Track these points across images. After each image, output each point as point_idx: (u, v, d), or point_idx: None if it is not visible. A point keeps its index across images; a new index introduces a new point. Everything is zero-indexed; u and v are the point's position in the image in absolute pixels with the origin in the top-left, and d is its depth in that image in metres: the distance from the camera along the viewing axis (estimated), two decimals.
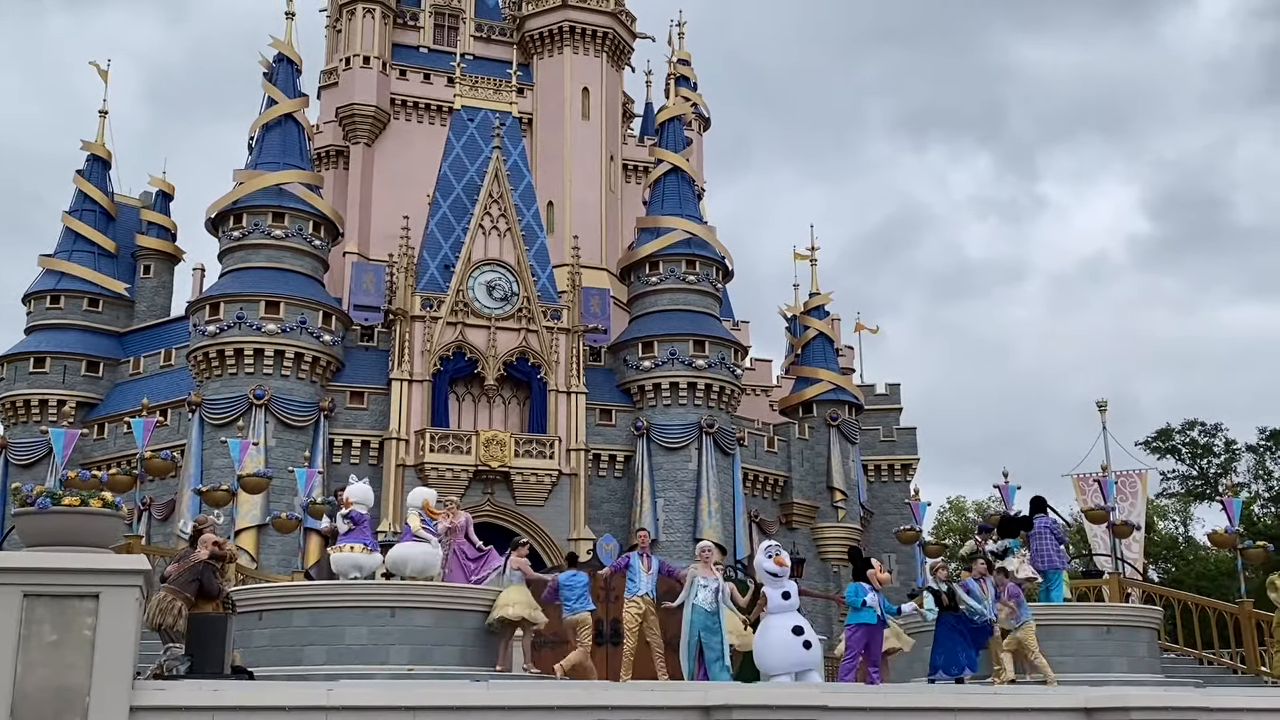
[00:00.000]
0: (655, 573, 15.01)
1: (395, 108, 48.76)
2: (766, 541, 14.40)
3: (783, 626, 13.07)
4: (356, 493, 16.47)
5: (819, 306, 48.10)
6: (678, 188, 43.94)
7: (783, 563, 13.39)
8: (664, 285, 42.22)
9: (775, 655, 12.97)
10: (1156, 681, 17.18)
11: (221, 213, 38.73)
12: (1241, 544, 23.77)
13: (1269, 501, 54.07)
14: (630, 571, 14.95)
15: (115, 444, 38.88)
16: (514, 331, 39.28)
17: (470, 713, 9.68)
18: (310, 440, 36.43)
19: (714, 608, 13.96)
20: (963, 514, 66.34)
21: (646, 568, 14.94)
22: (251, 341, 36.62)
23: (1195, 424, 55.28)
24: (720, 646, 13.81)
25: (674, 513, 39.14)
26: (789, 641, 12.99)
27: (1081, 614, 18.13)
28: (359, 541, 16.01)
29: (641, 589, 14.83)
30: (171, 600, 11.02)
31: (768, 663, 13.02)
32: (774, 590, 13.32)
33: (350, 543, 15.98)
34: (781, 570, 13.37)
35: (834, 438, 45.02)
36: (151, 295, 44.67)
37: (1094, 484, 28.15)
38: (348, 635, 15.01)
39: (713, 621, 13.91)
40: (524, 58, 50.18)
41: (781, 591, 13.32)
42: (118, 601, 8.60)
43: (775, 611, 13.20)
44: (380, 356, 39.55)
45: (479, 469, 37.36)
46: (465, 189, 41.23)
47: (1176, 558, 55.71)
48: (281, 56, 40.82)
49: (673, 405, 40.39)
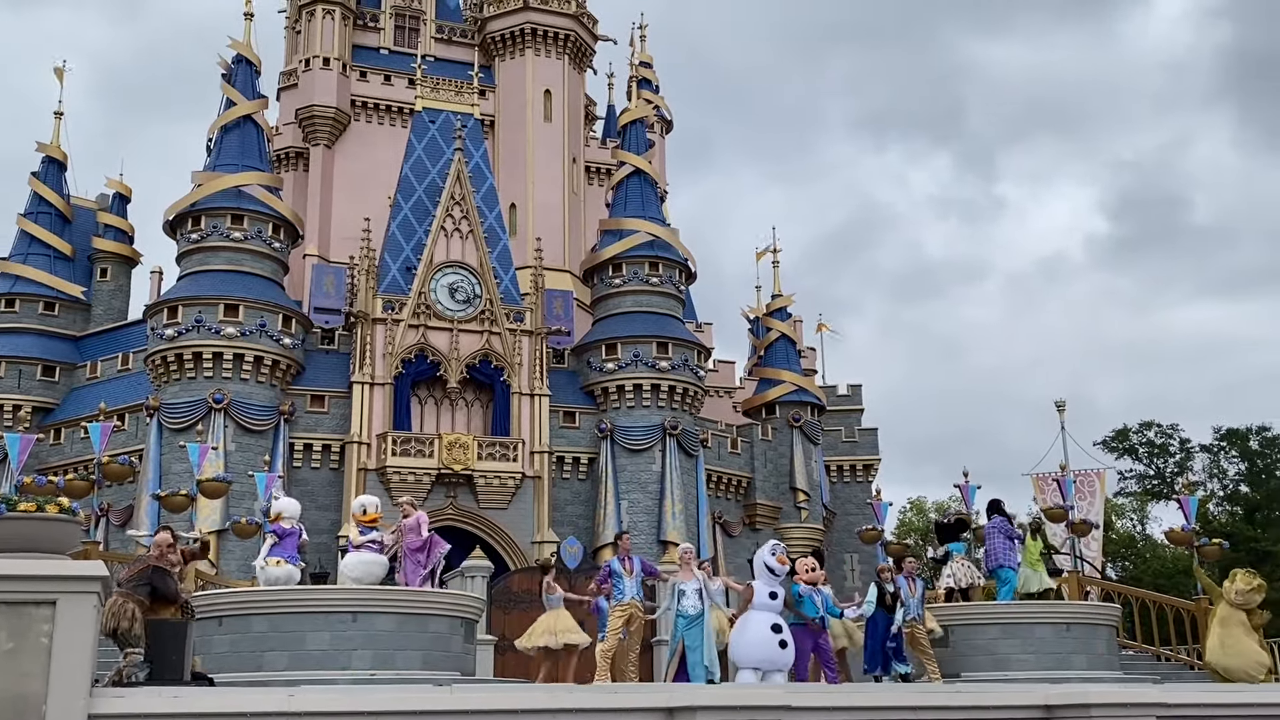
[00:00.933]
0: (638, 575, 15.00)
1: (355, 109, 48.49)
2: (774, 541, 14.62)
3: (763, 623, 13.25)
4: (286, 507, 16.78)
5: (781, 308, 48.33)
6: (640, 190, 43.97)
7: (784, 561, 13.78)
8: (627, 287, 42.23)
9: (751, 649, 13.08)
10: (1115, 678, 17.37)
11: (180, 215, 38.34)
12: (1198, 542, 24.10)
13: (1224, 500, 54.90)
14: (614, 579, 14.92)
15: (72, 449, 38.39)
16: (476, 334, 39.14)
17: (435, 717, 9.63)
18: (270, 444, 36.15)
19: (698, 611, 13.99)
20: (924, 514, 66.79)
21: (629, 572, 14.92)
22: (210, 345, 36.27)
23: (1152, 424, 56.08)
24: (703, 646, 13.80)
25: (638, 515, 39.14)
26: (767, 638, 13.15)
27: (1041, 612, 18.29)
28: (282, 556, 16.21)
29: (628, 595, 14.82)
30: (123, 604, 10.78)
31: (742, 655, 13.11)
32: (764, 587, 13.50)
33: (275, 557, 16.22)
34: (780, 570, 13.60)
35: (797, 439, 45.21)
36: (108, 299, 44.16)
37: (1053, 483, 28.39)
38: (309, 641, 14.90)
39: (697, 625, 13.95)
40: (485, 60, 50.06)
41: (770, 590, 13.50)
42: (75, 608, 8.48)
43: (760, 608, 13.35)
44: (341, 359, 39.28)
45: (441, 472, 37.18)
46: (427, 191, 41.05)
47: (1134, 556, 56.40)
48: (240, 58, 40.47)
49: (636, 407, 40.40)
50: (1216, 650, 15.45)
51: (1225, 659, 15.34)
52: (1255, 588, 15.88)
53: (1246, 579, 16.02)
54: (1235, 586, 15.82)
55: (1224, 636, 15.37)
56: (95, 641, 8.99)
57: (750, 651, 13.08)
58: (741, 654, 13.12)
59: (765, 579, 13.52)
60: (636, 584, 14.91)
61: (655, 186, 45.49)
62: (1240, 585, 15.80)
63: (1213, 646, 15.56)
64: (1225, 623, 15.48)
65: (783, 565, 13.64)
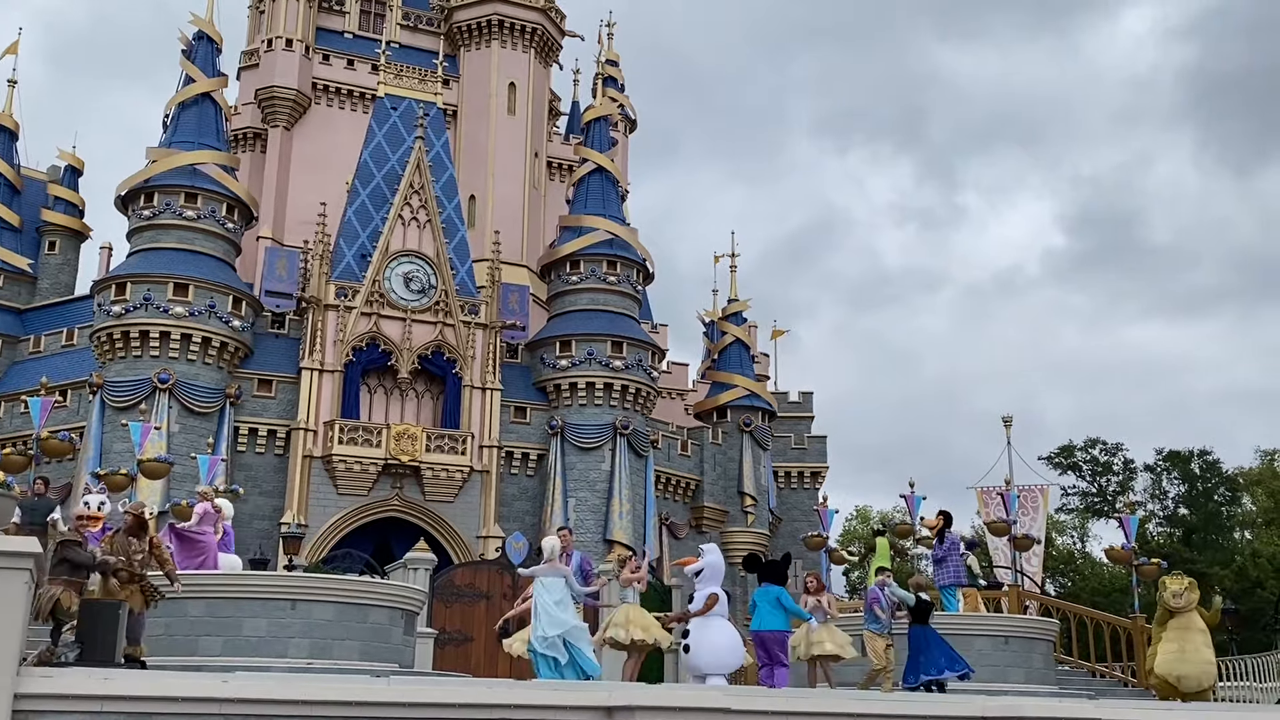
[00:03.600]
0: (576, 572, 14.85)
1: (317, 92, 47.99)
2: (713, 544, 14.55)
3: (728, 630, 13.22)
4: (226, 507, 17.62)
5: (737, 313, 48.44)
6: (601, 188, 43.87)
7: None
8: (584, 285, 42.11)
9: (720, 655, 13.01)
10: (1051, 692, 17.53)
11: (132, 191, 37.74)
12: (1136, 560, 24.44)
13: (1164, 520, 55.73)
14: None
15: (11, 424, 37.65)
16: (430, 325, 38.86)
17: (370, 708, 9.50)
18: (215, 427, 35.67)
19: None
20: (868, 522, 67.23)
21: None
22: (158, 324, 35.73)
23: (1096, 442, 56.82)
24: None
25: (585, 513, 39.04)
26: (734, 644, 13.18)
27: (981, 624, 18.45)
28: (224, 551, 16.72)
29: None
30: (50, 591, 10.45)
31: (710, 661, 12.98)
32: (724, 594, 13.48)
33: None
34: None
35: (746, 443, 45.34)
36: (55, 272, 43.38)
37: (997, 497, 28.71)
38: (245, 627, 14.71)
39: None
40: (451, 49, 49.73)
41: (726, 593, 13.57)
42: (4, 585, 8.29)
43: (722, 614, 13.30)
44: (291, 344, 38.84)
45: (388, 463, 36.88)
46: (386, 178, 40.69)
47: (1074, 572, 57.14)
48: (201, 34, 39.89)
49: (588, 405, 40.30)
50: (1173, 658, 15.31)
51: (1182, 666, 15.23)
52: (1188, 585, 16.04)
53: (1177, 581, 16.16)
54: (1171, 589, 15.91)
55: (1184, 644, 15.32)
56: (25, 620, 8.79)
57: (722, 657, 13.03)
58: (711, 660, 13.00)
59: (718, 582, 13.44)
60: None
61: (617, 185, 45.44)
62: (1175, 587, 15.91)
63: (1167, 655, 15.41)
64: (1185, 630, 15.44)
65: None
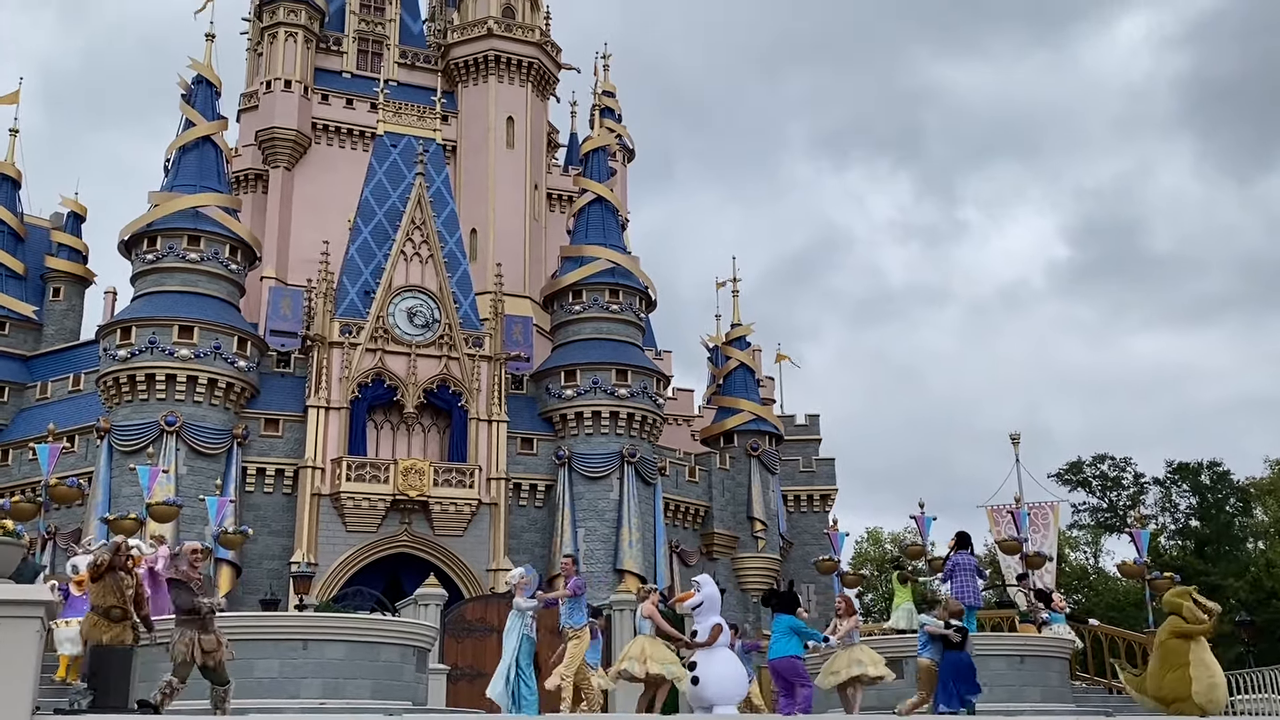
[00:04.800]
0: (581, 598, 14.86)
1: (317, 132, 48.29)
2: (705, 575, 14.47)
3: (733, 660, 13.21)
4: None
5: (740, 337, 48.46)
6: (601, 217, 44.02)
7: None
8: (587, 314, 42.20)
9: (725, 686, 12.99)
10: (1068, 710, 17.44)
11: (135, 235, 37.93)
12: (1150, 574, 24.35)
13: (1175, 534, 55.46)
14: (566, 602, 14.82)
15: (20, 470, 37.71)
16: (435, 359, 38.92)
17: None
18: (223, 468, 35.67)
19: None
20: (880, 544, 67.01)
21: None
22: (164, 366, 35.82)
23: (1105, 457, 56.59)
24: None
25: (595, 542, 38.97)
26: (740, 674, 13.17)
27: (995, 644, 18.35)
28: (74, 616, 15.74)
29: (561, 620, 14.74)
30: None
31: (718, 692, 12.95)
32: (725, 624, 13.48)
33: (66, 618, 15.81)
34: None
35: (754, 468, 45.26)
36: (61, 318, 43.57)
37: (1007, 515, 28.59)
38: (257, 668, 14.68)
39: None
40: (448, 85, 50.06)
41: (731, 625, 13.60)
42: (16, 634, 8.30)
43: (725, 644, 13.29)
44: (297, 383, 38.93)
45: (397, 498, 36.85)
46: (387, 215, 40.87)
47: (1087, 588, 56.81)
48: (200, 78, 40.20)
49: (594, 434, 40.29)
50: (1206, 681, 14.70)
51: (1215, 692, 14.75)
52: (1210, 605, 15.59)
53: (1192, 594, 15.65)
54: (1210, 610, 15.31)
55: (1210, 664, 14.89)
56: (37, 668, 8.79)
57: (730, 688, 13.02)
58: (723, 691, 12.97)
59: (717, 611, 13.41)
60: (568, 607, 14.72)
61: (616, 214, 45.59)
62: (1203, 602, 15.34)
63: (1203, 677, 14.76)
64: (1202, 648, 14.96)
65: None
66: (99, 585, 10.99)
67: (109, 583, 10.88)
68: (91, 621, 10.75)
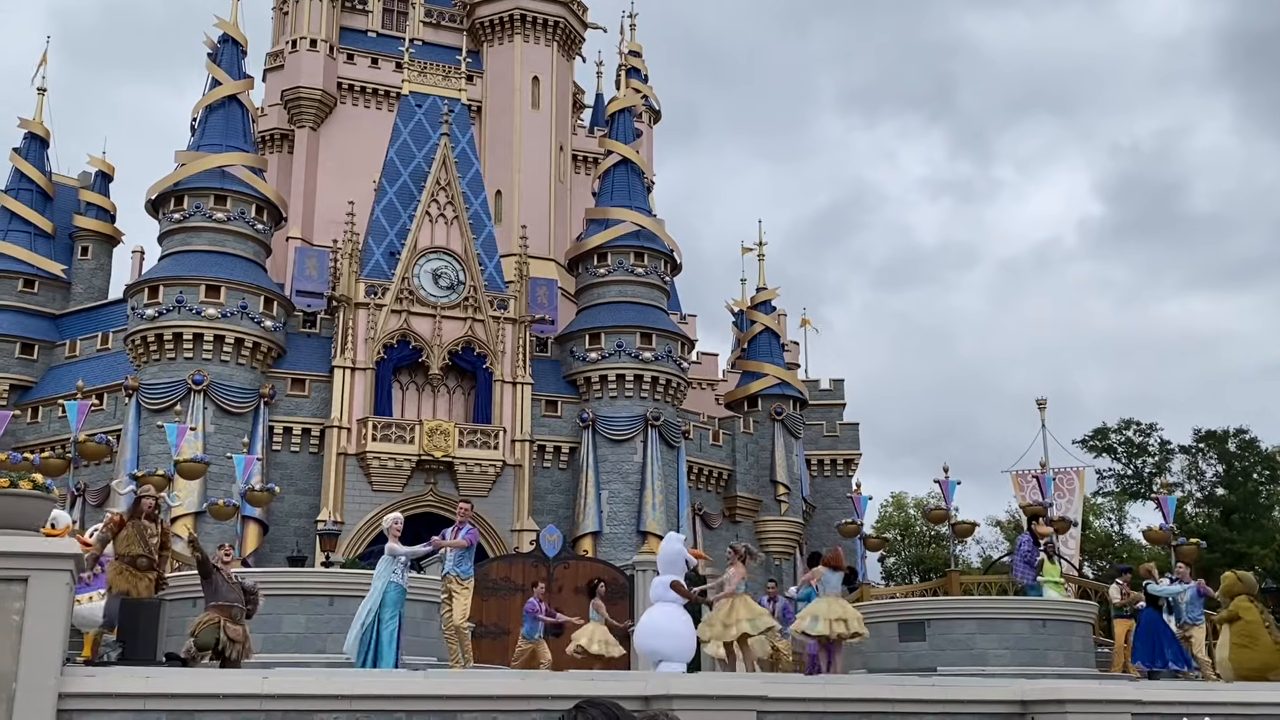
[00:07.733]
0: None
1: (342, 92, 48.22)
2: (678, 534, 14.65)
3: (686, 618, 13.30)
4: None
5: (765, 301, 48.31)
6: (627, 179, 43.84)
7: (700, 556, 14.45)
8: (612, 277, 42.13)
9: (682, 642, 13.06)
10: (1091, 675, 17.44)
11: (162, 194, 38.06)
12: (1175, 541, 24.25)
13: (1201, 501, 55.19)
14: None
15: (49, 428, 38.12)
16: (460, 320, 38.98)
17: (408, 701, 9.57)
18: (250, 427, 35.96)
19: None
20: (904, 509, 66.97)
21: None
22: (191, 326, 36.04)
23: (1131, 423, 56.28)
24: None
25: (618, 505, 39.11)
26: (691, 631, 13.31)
27: (1018, 608, 18.36)
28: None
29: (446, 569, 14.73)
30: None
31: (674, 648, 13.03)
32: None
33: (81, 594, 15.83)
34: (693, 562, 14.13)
35: (778, 432, 45.26)
36: (89, 277, 43.85)
37: (1032, 480, 28.55)
38: (285, 624, 14.84)
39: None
40: (474, 45, 49.81)
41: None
42: (47, 586, 8.40)
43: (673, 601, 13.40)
44: (323, 343, 39.08)
45: (422, 459, 37.05)
46: (412, 176, 40.84)
47: (1111, 555, 56.65)
48: (226, 37, 40.15)
49: (619, 397, 40.34)
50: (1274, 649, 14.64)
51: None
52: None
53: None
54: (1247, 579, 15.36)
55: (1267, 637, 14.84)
56: (68, 620, 8.90)
57: (681, 644, 13.07)
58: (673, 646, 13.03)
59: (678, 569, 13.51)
60: (456, 555, 14.59)
61: (642, 176, 45.39)
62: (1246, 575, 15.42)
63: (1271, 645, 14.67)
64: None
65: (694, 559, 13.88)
66: (124, 534, 11.11)
67: (133, 531, 10.99)
68: (117, 569, 10.87)
